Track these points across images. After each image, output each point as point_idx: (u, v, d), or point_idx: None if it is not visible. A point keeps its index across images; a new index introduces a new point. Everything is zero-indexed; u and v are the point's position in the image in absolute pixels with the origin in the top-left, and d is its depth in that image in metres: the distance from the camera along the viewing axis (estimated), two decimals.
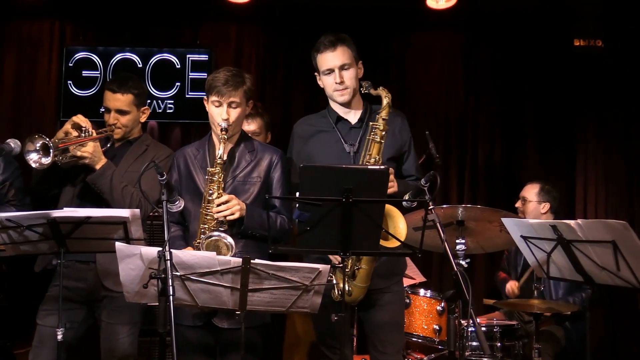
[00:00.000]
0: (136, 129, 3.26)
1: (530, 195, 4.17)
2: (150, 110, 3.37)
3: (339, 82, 2.90)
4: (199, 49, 5.17)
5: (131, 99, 3.18)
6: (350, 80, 2.91)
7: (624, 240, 2.45)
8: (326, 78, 2.94)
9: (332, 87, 2.93)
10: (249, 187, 2.86)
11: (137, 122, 3.25)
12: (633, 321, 4.70)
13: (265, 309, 2.51)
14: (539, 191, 4.16)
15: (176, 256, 2.37)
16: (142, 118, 3.27)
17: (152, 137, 3.45)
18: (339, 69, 2.90)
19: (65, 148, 2.98)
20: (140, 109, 3.24)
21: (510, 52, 5.14)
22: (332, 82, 2.92)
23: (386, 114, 2.79)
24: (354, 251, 2.45)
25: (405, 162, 3.00)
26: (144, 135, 3.31)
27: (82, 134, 3.04)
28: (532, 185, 4.21)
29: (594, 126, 5.07)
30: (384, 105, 2.80)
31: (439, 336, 3.52)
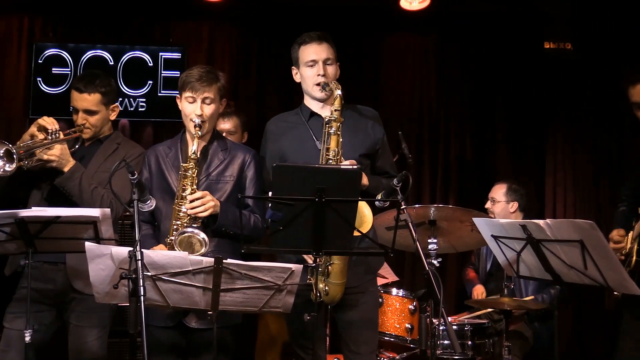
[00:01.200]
0: (106, 127, 3.19)
1: (499, 196, 4.22)
2: (120, 108, 3.30)
3: (322, 75, 2.87)
4: (172, 47, 5.13)
5: (99, 98, 3.10)
6: (331, 75, 2.90)
7: (591, 240, 2.49)
8: (307, 70, 2.91)
9: (312, 80, 2.90)
10: (222, 186, 2.85)
11: (106, 121, 3.17)
12: (600, 320, 4.79)
13: (237, 309, 2.51)
14: (507, 191, 4.22)
15: (147, 256, 2.35)
16: (111, 116, 3.19)
17: (123, 135, 3.40)
18: (323, 62, 2.89)
19: (32, 152, 2.91)
20: (109, 107, 3.16)
21: (482, 53, 5.21)
22: (313, 75, 2.89)
23: (338, 105, 2.77)
24: (327, 250, 2.45)
25: (379, 159, 2.99)
26: (115, 133, 3.25)
27: (49, 136, 2.96)
28: (499, 186, 4.26)
29: (563, 127, 5.16)
30: (335, 97, 2.78)
31: (411, 335, 3.54)
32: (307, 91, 2.97)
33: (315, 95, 2.93)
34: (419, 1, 4.81)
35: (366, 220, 2.62)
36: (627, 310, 3.15)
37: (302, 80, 2.97)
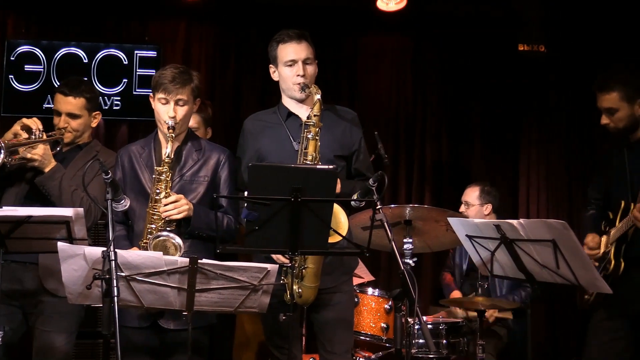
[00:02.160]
0: (86, 134, 3.21)
1: (472, 199, 4.26)
2: (101, 115, 3.30)
3: (302, 75, 2.86)
4: (147, 45, 5.08)
5: (83, 102, 3.12)
6: (311, 75, 2.89)
7: (563, 239, 2.52)
8: (286, 69, 2.89)
9: (291, 80, 2.88)
10: (196, 187, 2.83)
11: (87, 127, 3.19)
12: (572, 318, 4.86)
13: (213, 309, 2.49)
14: (480, 193, 4.26)
15: (121, 256, 2.32)
16: (93, 123, 3.22)
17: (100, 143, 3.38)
18: (302, 61, 2.87)
19: (14, 149, 2.90)
20: (91, 114, 3.19)
21: (458, 55, 5.25)
22: (293, 75, 2.87)
23: (318, 110, 2.76)
24: (303, 250, 2.45)
25: (355, 161, 3.00)
26: (94, 141, 3.26)
27: (32, 136, 2.96)
28: (472, 189, 4.30)
29: (537, 128, 5.23)
30: (315, 102, 2.77)
31: (386, 334, 3.56)
32: (286, 91, 2.95)
33: (294, 96, 2.92)
34: (395, 2, 4.84)
35: (342, 227, 2.62)
36: (598, 311, 3.20)
37: (280, 79, 2.95)
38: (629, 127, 3.15)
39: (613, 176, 3.25)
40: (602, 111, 3.19)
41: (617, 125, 3.16)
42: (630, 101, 3.11)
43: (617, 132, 3.19)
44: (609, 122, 3.17)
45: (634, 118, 3.13)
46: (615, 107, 3.13)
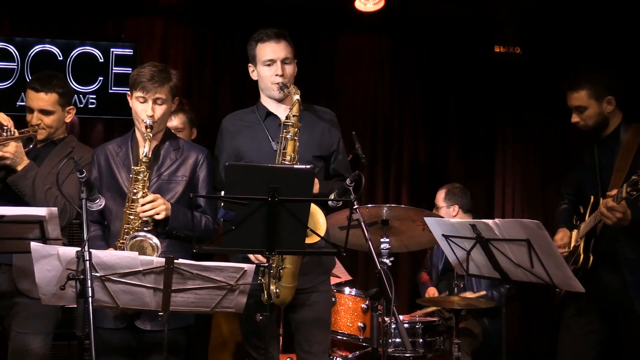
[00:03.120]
0: (61, 130, 3.15)
1: (439, 202, 4.30)
2: (75, 110, 3.25)
3: (280, 75, 2.85)
4: (124, 43, 5.02)
5: (55, 98, 3.06)
6: (290, 75, 2.89)
7: (537, 239, 2.56)
8: (265, 69, 2.88)
9: (270, 79, 2.87)
10: (174, 186, 2.81)
11: (61, 123, 3.14)
12: (546, 316, 4.93)
13: (189, 309, 2.48)
14: (445, 196, 4.30)
15: (96, 256, 2.30)
16: (67, 118, 3.16)
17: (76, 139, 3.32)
18: (281, 61, 2.86)
19: None
20: (65, 109, 3.13)
21: (435, 56, 5.29)
22: (271, 74, 2.86)
23: (297, 110, 2.76)
24: (280, 250, 2.45)
25: (334, 161, 3.00)
26: (69, 137, 3.20)
27: (4, 133, 2.90)
28: (439, 192, 4.34)
29: (512, 129, 5.29)
30: (294, 102, 2.77)
31: (363, 333, 3.57)
32: (265, 90, 2.94)
33: (273, 95, 2.91)
34: (373, 3, 4.85)
35: (320, 228, 2.62)
36: (569, 306, 3.26)
37: (259, 79, 2.94)
38: (598, 125, 3.21)
39: (584, 172, 3.31)
40: (572, 110, 3.24)
41: (587, 123, 3.21)
42: (598, 99, 3.17)
43: (587, 130, 3.25)
44: (579, 120, 3.22)
45: (602, 116, 3.19)
46: (584, 105, 3.18)
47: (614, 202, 2.91)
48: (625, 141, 3.15)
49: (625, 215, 2.93)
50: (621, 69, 4.13)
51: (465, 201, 4.31)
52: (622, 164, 3.11)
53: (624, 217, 2.93)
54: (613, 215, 2.94)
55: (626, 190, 2.83)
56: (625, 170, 3.08)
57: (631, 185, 2.81)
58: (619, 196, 2.91)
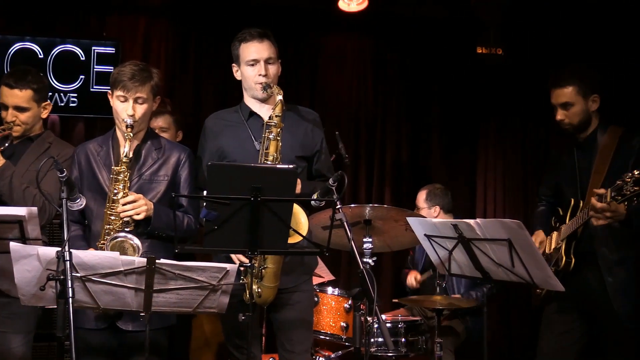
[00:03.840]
0: (37, 126, 3.10)
1: (420, 203, 4.33)
2: (52, 106, 3.21)
3: (264, 75, 2.84)
4: (105, 41, 4.98)
5: (30, 94, 3.01)
6: (273, 75, 2.88)
7: (518, 239, 2.58)
8: (248, 69, 2.88)
9: (253, 79, 2.86)
10: (156, 186, 2.79)
11: (37, 119, 3.08)
12: (526, 316, 4.97)
13: (171, 309, 2.47)
14: (426, 197, 4.32)
15: (76, 256, 2.28)
16: (43, 114, 3.11)
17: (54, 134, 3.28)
18: (264, 61, 2.86)
19: None
20: (41, 105, 3.08)
21: (418, 56, 5.31)
22: (255, 74, 2.86)
23: (279, 110, 2.76)
24: (262, 250, 2.44)
25: (316, 162, 3.00)
26: (46, 133, 3.15)
27: None
28: (420, 193, 4.36)
29: (494, 130, 5.33)
30: (276, 102, 2.76)
31: (346, 333, 3.58)
32: (248, 90, 2.94)
33: (256, 95, 2.90)
34: (356, 3, 4.86)
35: (302, 228, 2.62)
36: (550, 305, 3.29)
37: (242, 79, 2.94)
38: (582, 123, 3.22)
39: (563, 174, 3.34)
40: (557, 107, 3.24)
41: (572, 120, 3.22)
42: (585, 96, 3.19)
43: (572, 128, 3.24)
44: (564, 117, 3.22)
45: (587, 114, 3.21)
46: (572, 101, 3.19)
47: (603, 203, 2.89)
48: (602, 144, 3.17)
49: (617, 212, 2.90)
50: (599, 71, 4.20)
51: (447, 202, 4.33)
52: (600, 167, 3.14)
53: (615, 216, 2.91)
54: (604, 216, 2.91)
55: (611, 195, 2.84)
56: (603, 172, 3.11)
57: (616, 190, 2.82)
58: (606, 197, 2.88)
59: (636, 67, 4.64)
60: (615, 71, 4.62)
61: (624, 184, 2.79)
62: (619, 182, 2.82)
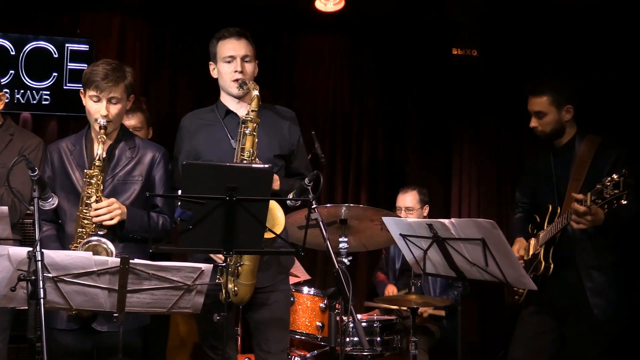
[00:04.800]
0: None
1: (413, 204, 4.34)
2: (7, 97, 3.11)
3: (240, 71, 2.84)
4: (79, 39, 4.91)
5: None
6: (249, 73, 2.87)
7: (492, 238, 2.61)
8: (225, 66, 2.87)
9: (230, 76, 2.86)
10: (130, 186, 2.76)
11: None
12: (500, 314, 5.03)
13: (145, 310, 2.44)
14: (419, 197, 4.35)
15: (48, 256, 2.24)
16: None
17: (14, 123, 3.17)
18: (241, 58, 2.85)
19: None
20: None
21: (394, 57, 5.34)
22: (231, 71, 2.85)
23: (255, 106, 2.75)
24: (238, 250, 2.43)
25: (294, 160, 3.00)
26: (7, 122, 3.04)
27: None
28: (409, 193, 4.37)
29: (469, 131, 5.38)
30: (253, 97, 2.76)
31: (321, 333, 3.58)
32: (224, 87, 2.92)
33: (232, 92, 2.89)
34: (333, 3, 4.86)
35: (278, 223, 2.62)
36: (526, 307, 3.32)
37: (219, 76, 2.93)
38: (554, 132, 3.27)
39: (540, 181, 3.38)
40: (532, 114, 3.30)
41: (544, 129, 3.28)
42: (559, 107, 3.24)
43: (544, 136, 3.31)
44: (537, 125, 3.28)
45: (560, 124, 3.26)
46: (545, 111, 3.24)
47: (584, 207, 2.92)
48: (580, 152, 3.22)
49: (596, 217, 2.95)
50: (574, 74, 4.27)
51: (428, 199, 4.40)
52: (578, 174, 3.18)
53: (595, 219, 2.95)
54: (585, 220, 2.95)
55: (591, 198, 2.88)
56: (580, 180, 3.16)
57: (596, 194, 2.87)
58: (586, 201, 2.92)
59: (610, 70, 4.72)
60: (589, 75, 4.69)
61: (604, 187, 2.83)
62: (598, 186, 2.86)
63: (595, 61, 4.75)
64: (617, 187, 2.80)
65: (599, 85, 4.70)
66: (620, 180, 2.79)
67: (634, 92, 4.58)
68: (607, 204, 2.85)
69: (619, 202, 2.82)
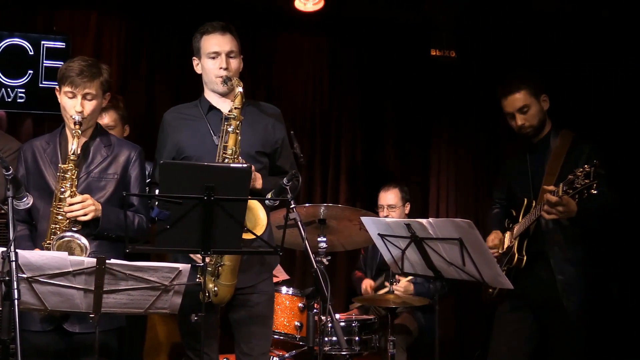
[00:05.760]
0: None
1: (396, 201, 4.36)
2: None
3: (224, 68, 2.80)
4: (55, 36, 4.84)
5: None
6: (234, 69, 2.84)
7: (469, 238, 2.63)
8: (209, 62, 2.82)
9: (214, 73, 2.81)
10: (105, 184, 2.73)
11: None
12: (477, 313, 5.07)
13: (121, 310, 2.42)
14: (401, 195, 4.38)
15: (22, 257, 2.21)
16: None
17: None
18: (226, 54, 2.81)
19: None
20: None
21: (373, 57, 5.35)
22: (215, 67, 2.81)
23: (239, 103, 2.72)
24: (216, 250, 2.42)
25: (278, 158, 2.97)
26: None
27: None
28: (391, 191, 4.39)
29: (447, 131, 5.42)
30: (236, 94, 2.73)
31: (300, 332, 3.58)
32: (208, 84, 2.88)
33: (217, 89, 2.85)
34: (313, 3, 4.86)
35: (260, 223, 2.61)
36: (502, 303, 3.36)
37: (203, 72, 2.89)
38: (541, 123, 3.31)
39: (516, 176, 3.43)
40: (514, 113, 3.30)
41: (532, 122, 3.29)
42: (537, 97, 3.29)
43: (533, 130, 3.31)
44: (524, 121, 3.29)
45: (543, 113, 3.31)
46: (528, 103, 3.27)
47: (555, 197, 2.96)
48: (555, 146, 3.28)
49: (568, 207, 2.97)
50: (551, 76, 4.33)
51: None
52: (553, 168, 3.23)
53: (567, 210, 2.98)
54: (556, 210, 2.98)
55: (562, 189, 2.93)
56: (555, 174, 3.20)
57: (567, 184, 2.91)
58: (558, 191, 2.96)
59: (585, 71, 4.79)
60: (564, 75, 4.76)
61: (575, 177, 2.88)
62: (570, 177, 2.91)
63: (570, 62, 4.82)
64: (588, 177, 2.84)
65: (573, 85, 4.76)
66: (591, 171, 2.82)
67: (607, 92, 4.66)
68: (578, 193, 2.88)
69: (589, 191, 2.86)
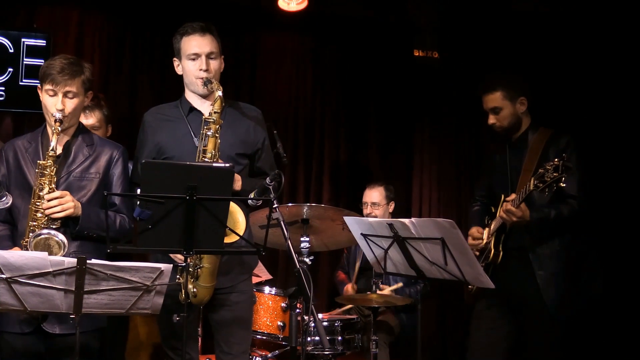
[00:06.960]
0: None
1: (380, 199, 4.39)
2: None
3: (205, 70, 2.79)
4: (36, 33, 4.79)
5: None
6: (215, 70, 2.82)
7: (451, 238, 2.65)
8: (190, 63, 2.81)
9: (194, 74, 2.80)
10: (86, 184, 2.71)
11: None
12: (459, 312, 5.10)
13: (102, 311, 2.40)
14: (385, 193, 4.41)
15: (2, 257, 2.19)
16: None
17: None
18: (206, 56, 2.80)
19: None
20: None
21: (356, 57, 5.36)
22: (196, 69, 2.80)
23: (218, 107, 2.71)
24: (198, 250, 2.41)
25: (258, 160, 2.97)
26: None
27: None
28: (376, 189, 4.41)
29: (429, 131, 5.44)
30: (216, 98, 2.72)
31: (282, 332, 3.58)
32: (189, 85, 2.88)
33: (197, 91, 2.85)
34: (296, 2, 4.86)
35: (239, 227, 2.60)
36: (480, 301, 3.40)
37: (183, 73, 2.88)
38: (512, 125, 3.38)
39: (496, 174, 3.48)
40: (488, 112, 3.41)
41: (503, 123, 3.38)
42: (512, 100, 3.36)
43: (502, 131, 3.41)
44: (495, 121, 3.39)
45: (516, 116, 3.37)
46: (500, 106, 3.36)
47: (512, 206, 3.11)
48: (532, 143, 3.34)
49: (523, 216, 3.13)
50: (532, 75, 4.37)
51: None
52: (529, 165, 3.29)
53: (522, 218, 3.13)
54: (510, 217, 3.15)
55: (533, 182, 2.98)
56: (531, 170, 3.25)
57: (538, 178, 2.96)
58: (516, 201, 3.11)
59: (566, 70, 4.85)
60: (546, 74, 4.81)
61: (545, 171, 2.93)
62: (540, 170, 2.96)
63: (550, 62, 4.87)
64: (557, 171, 2.88)
65: (553, 84, 4.82)
66: (560, 164, 2.87)
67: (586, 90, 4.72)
68: (548, 187, 2.93)
69: (558, 184, 2.91)
